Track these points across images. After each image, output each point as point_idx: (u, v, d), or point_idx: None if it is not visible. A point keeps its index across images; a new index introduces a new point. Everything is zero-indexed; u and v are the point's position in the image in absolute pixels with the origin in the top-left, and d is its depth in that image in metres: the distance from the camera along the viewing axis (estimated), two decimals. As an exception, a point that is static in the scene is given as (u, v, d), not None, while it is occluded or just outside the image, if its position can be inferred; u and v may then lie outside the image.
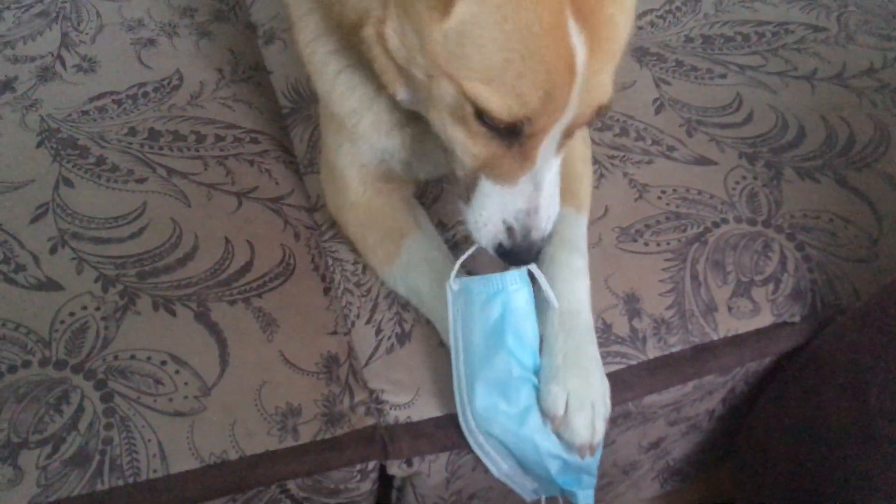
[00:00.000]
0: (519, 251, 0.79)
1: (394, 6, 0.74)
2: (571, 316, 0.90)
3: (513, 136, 0.74)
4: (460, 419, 0.89)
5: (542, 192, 0.77)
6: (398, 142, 0.96)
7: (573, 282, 0.92)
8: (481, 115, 0.72)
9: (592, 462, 0.89)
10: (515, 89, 0.70)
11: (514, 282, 0.84)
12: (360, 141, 0.97)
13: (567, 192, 0.90)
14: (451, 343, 0.88)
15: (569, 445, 0.86)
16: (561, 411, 0.85)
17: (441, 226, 1.05)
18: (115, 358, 0.90)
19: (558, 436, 0.86)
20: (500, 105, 0.70)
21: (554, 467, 0.86)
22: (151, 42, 1.28)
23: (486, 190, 0.79)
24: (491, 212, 0.79)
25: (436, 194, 1.10)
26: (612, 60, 0.73)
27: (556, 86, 0.69)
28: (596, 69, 0.70)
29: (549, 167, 0.77)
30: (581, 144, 1.02)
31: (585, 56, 0.69)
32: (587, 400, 0.87)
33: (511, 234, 0.79)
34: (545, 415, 0.85)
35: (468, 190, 0.81)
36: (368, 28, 0.78)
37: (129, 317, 0.94)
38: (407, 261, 0.97)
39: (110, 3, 1.34)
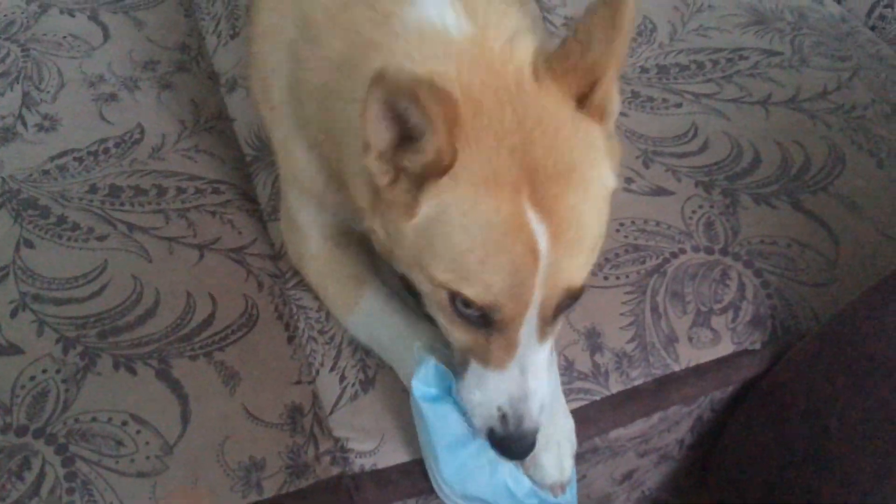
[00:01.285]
0: (510, 442, 0.79)
1: (377, 209, 0.79)
2: None
3: (488, 323, 0.76)
4: (435, 488, 0.89)
5: (530, 376, 0.78)
6: None
7: None
8: (455, 303, 0.75)
9: (570, 498, 0.89)
10: (480, 277, 0.72)
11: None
12: (326, 208, 0.99)
13: None
14: (415, 417, 0.88)
15: (540, 485, 0.87)
16: None
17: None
18: (76, 421, 0.90)
19: (529, 477, 0.87)
20: (468, 292, 0.73)
21: None
22: (113, 97, 1.29)
23: (476, 372, 0.80)
24: (483, 396, 0.80)
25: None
26: (579, 247, 0.74)
27: (519, 272, 0.72)
28: (560, 256, 0.72)
29: (534, 352, 0.78)
30: None
31: (547, 244, 0.71)
32: (553, 439, 0.88)
33: (504, 421, 0.78)
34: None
35: (461, 366, 0.82)
36: (366, 221, 0.83)
37: (89, 378, 0.94)
38: (367, 309, 0.98)
39: (71, 60, 1.35)
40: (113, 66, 1.34)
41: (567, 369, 0.99)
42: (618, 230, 1.10)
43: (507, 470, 0.86)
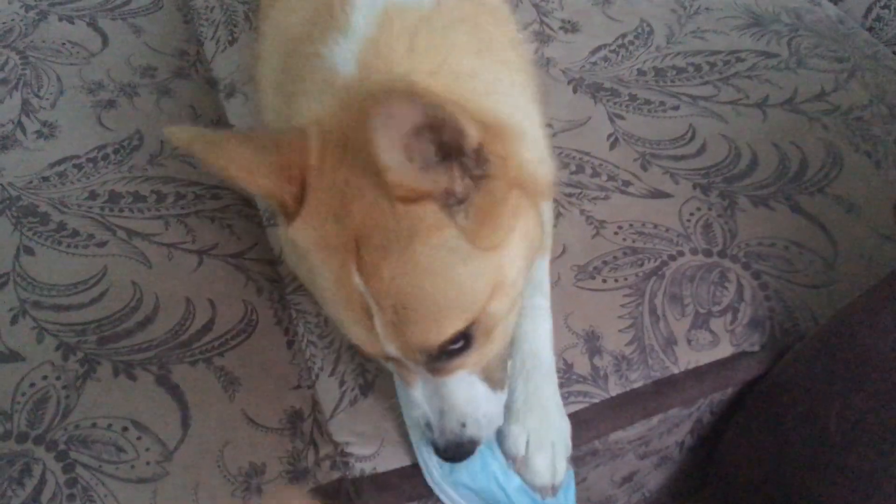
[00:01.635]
0: (438, 447, 0.80)
1: None
2: (532, 357, 0.91)
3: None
4: (424, 473, 0.89)
5: (444, 397, 0.78)
6: None
7: (536, 322, 0.94)
8: None
9: (563, 501, 0.90)
10: (332, 316, 0.76)
11: None
12: None
13: None
14: (400, 398, 0.89)
15: (531, 487, 0.87)
16: (521, 452, 0.87)
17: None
18: (77, 427, 0.91)
19: (520, 477, 0.87)
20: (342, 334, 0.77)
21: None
22: (112, 104, 1.30)
23: (400, 384, 0.85)
24: (409, 405, 0.83)
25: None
26: (412, 315, 0.71)
27: (357, 326, 0.73)
28: (394, 321, 0.71)
29: (432, 382, 0.78)
30: (548, 187, 1.04)
31: (376, 309, 0.71)
32: (547, 440, 0.88)
33: (429, 428, 0.80)
34: (507, 456, 0.86)
35: (396, 378, 0.87)
36: None
37: (89, 384, 0.94)
38: None
39: (70, 67, 1.35)
40: (112, 72, 1.35)
41: (566, 372, 0.99)
42: (616, 233, 1.10)
43: (498, 464, 0.86)
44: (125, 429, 0.91)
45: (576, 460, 1.03)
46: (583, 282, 1.06)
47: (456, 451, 0.79)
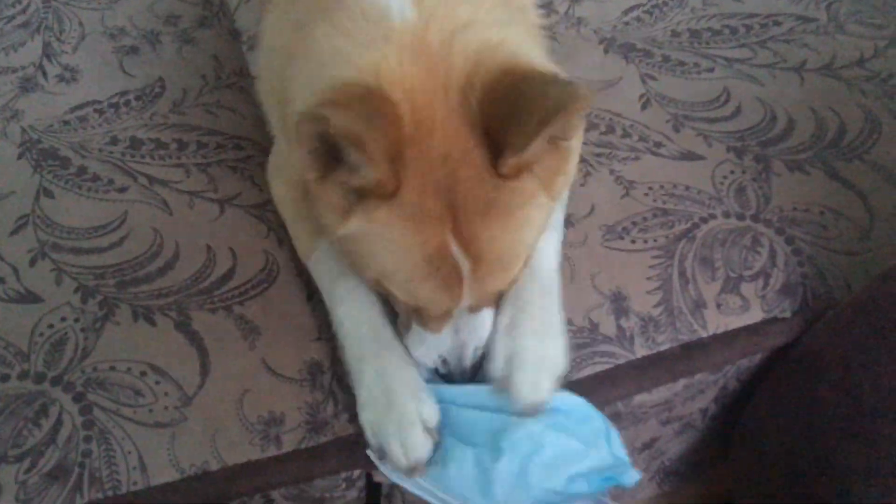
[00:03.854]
0: (454, 375, 0.85)
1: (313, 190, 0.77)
2: (526, 271, 0.87)
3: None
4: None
5: (464, 334, 0.83)
6: None
7: None
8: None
9: (612, 455, 0.86)
10: (405, 290, 0.77)
11: None
12: None
13: None
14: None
15: (513, 407, 0.83)
16: (500, 371, 0.84)
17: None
18: (94, 369, 0.90)
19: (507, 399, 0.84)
20: (399, 296, 0.78)
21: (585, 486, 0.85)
22: (134, 50, 1.28)
23: (418, 332, 0.84)
24: (424, 350, 0.84)
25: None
26: (500, 267, 0.77)
27: (444, 290, 0.75)
28: (482, 276, 0.75)
29: (468, 320, 0.82)
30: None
31: (469, 269, 0.74)
32: (531, 358, 0.84)
33: (445, 364, 0.84)
34: (491, 377, 0.84)
35: (405, 325, 0.86)
36: None
37: (108, 327, 0.93)
38: (323, 258, 0.95)
39: (92, 12, 1.33)
40: (134, 18, 1.33)
41: (591, 332, 0.97)
42: (646, 194, 1.07)
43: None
44: (143, 373, 0.90)
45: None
46: (611, 242, 1.03)
47: (472, 373, 0.85)
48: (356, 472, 0.92)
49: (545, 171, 0.75)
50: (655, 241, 1.03)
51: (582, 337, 0.96)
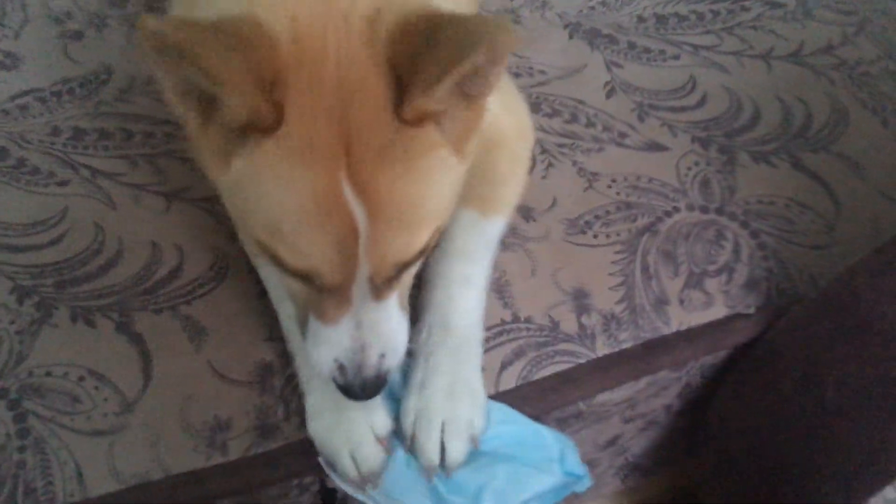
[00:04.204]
0: (352, 388, 0.75)
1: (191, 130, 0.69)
2: (441, 329, 0.85)
3: (313, 283, 0.70)
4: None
5: (366, 330, 0.73)
6: None
7: (450, 290, 0.86)
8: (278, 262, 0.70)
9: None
10: (294, 245, 0.67)
11: None
12: None
13: (473, 194, 0.86)
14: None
15: (419, 464, 0.81)
16: (409, 430, 0.81)
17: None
18: (30, 375, 0.85)
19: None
20: (284, 255, 0.68)
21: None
22: (79, 35, 1.22)
23: (314, 329, 0.75)
24: (321, 350, 0.75)
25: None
26: (404, 225, 0.68)
27: (336, 246, 0.66)
28: (383, 233, 0.66)
29: (371, 309, 0.73)
30: (514, 140, 0.97)
31: (366, 222, 0.65)
32: (438, 418, 0.81)
33: (343, 371, 0.74)
34: (400, 435, 0.82)
35: (302, 322, 0.77)
36: None
37: (45, 330, 0.88)
38: None
39: (36, -5, 1.27)
40: (80, 1, 1.26)
41: (552, 331, 0.94)
42: (609, 186, 1.04)
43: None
44: (82, 378, 0.86)
45: (559, 422, 0.99)
46: (573, 237, 1.00)
47: (374, 385, 0.74)
48: (308, 479, 0.89)
49: (454, 125, 0.68)
50: (619, 235, 1.00)
51: (543, 335, 0.94)
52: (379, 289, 0.71)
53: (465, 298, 0.86)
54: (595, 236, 1.00)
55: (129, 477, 0.82)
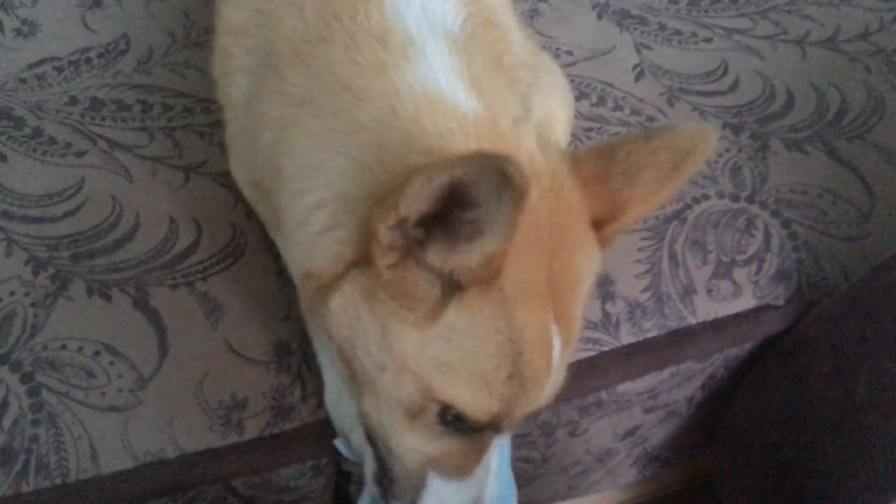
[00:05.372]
0: None
1: (351, 281, 0.65)
2: None
3: (477, 431, 0.68)
4: None
5: (490, 472, 0.72)
6: None
7: None
8: (445, 415, 0.66)
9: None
10: (501, 393, 0.64)
11: None
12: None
13: None
14: None
15: None
16: None
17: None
18: (44, 348, 0.84)
19: None
20: (480, 408, 0.64)
21: None
22: (97, 4, 1.20)
23: (437, 488, 0.70)
24: None
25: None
26: (575, 349, 0.72)
27: (537, 383, 0.66)
28: (566, 361, 0.69)
29: (501, 448, 0.74)
30: (563, 135, 0.98)
31: (560, 351, 0.66)
32: None
33: None
34: None
35: (412, 491, 0.71)
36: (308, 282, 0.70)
37: (60, 303, 0.87)
38: None
39: (54, -38, 1.25)
40: (99, -31, 1.24)
41: (575, 317, 0.92)
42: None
43: None
44: (97, 353, 0.84)
45: (580, 411, 0.97)
46: (598, 222, 0.98)
47: None
48: (324, 461, 0.88)
49: None
50: (645, 222, 0.98)
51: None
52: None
53: None
54: (621, 222, 0.98)
55: (144, 454, 0.80)
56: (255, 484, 0.86)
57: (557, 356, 0.66)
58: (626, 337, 0.93)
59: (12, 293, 0.87)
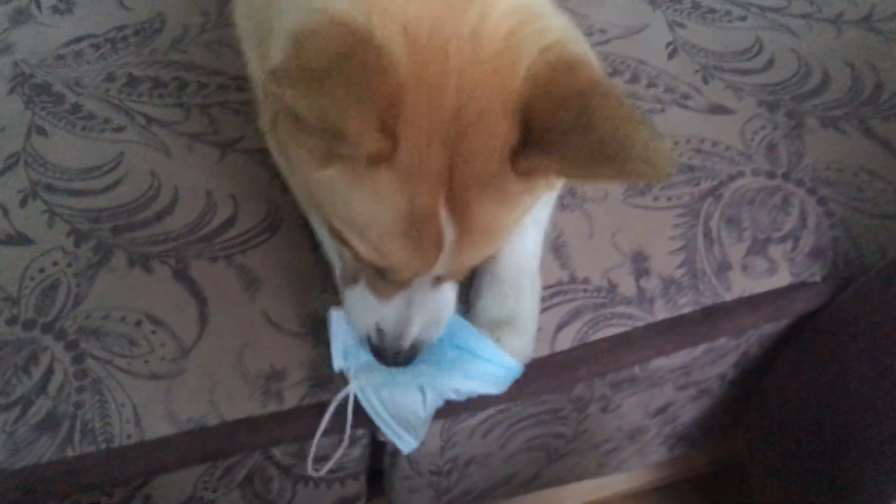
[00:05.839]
0: (385, 353, 0.77)
1: (273, 122, 0.66)
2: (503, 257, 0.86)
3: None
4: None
5: (415, 308, 0.75)
6: None
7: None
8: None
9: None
10: (377, 246, 0.67)
11: None
12: None
13: None
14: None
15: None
16: None
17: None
18: (88, 317, 0.85)
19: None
20: (362, 251, 0.68)
21: None
22: (133, -18, 1.21)
23: (361, 293, 0.76)
24: (364, 314, 0.77)
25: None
26: (485, 241, 0.70)
27: (418, 255, 0.66)
28: (467, 247, 0.67)
29: (425, 292, 0.74)
30: None
31: (454, 238, 0.65)
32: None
33: (381, 335, 0.76)
34: None
35: (349, 280, 0.78)
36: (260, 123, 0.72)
37: (102, 273, 0.88)
38: None
39: (90, -59, 1.26)
40: (133, -52, 1.25)
41: (609, 293, 0.92)
42: (671, 149, 1.02)
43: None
44: (139, 322, 0.85)
45: (613, 386, 0.98)
46: (633, 199, 0.98)
47: (407, 355, 0.77)
48: (360, 431, 0.89)
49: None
50: (680, 198, 0.98)
51: (600, 297, 0.92)
52: (440, 280, 0.74)
53: (528, 236, 0.87)
54: (655, 199, 0.98)
55: (186, 421, 0.82)
56: (294, 452, 0.87)
57: (450, 238, 0.65)
58: (661, 312, 0.93)
59: (55, 263, 0.88)
